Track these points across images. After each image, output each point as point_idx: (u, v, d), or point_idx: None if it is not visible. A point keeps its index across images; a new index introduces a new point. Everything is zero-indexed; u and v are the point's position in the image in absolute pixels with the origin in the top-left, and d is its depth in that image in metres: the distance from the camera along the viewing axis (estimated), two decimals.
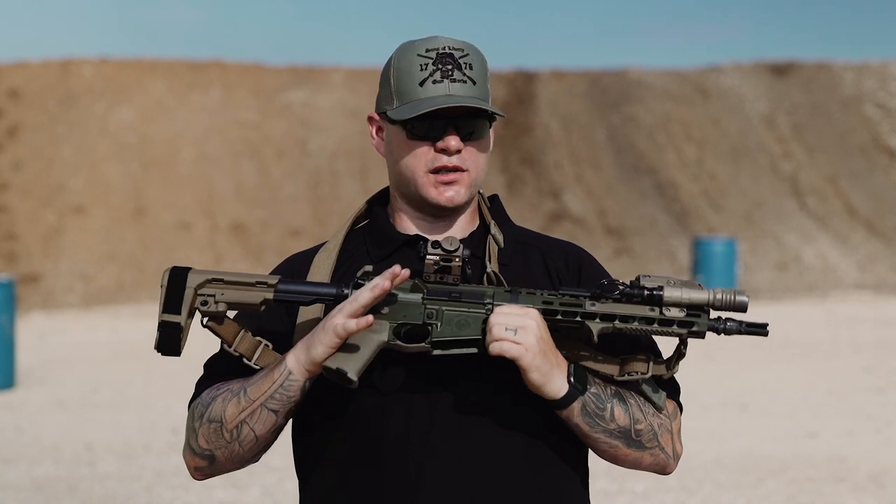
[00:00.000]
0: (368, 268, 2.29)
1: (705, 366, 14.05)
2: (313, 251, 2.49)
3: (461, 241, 2.42)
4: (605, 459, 2.39)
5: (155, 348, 2.30)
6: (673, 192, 29.89)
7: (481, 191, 2.50)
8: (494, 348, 2.22)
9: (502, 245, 2.43)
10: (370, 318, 2.21)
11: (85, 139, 27.91)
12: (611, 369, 2.33)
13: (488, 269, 2.36)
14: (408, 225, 2.44)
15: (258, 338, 2.35)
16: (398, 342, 2.27)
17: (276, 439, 2.37)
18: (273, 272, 2.48)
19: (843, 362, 14.58)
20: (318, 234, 26.07)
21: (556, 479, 2.38)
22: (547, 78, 32.58)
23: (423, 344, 2.27)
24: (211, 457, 2.36)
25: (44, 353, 16.29)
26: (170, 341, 2.28)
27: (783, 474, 8.67)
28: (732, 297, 2.24)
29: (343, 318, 2.22)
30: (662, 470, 2.43)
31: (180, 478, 8.65)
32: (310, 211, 27.68)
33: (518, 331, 2.22)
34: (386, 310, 2.27)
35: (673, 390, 2.44)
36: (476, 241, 2.45)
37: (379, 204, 2.51)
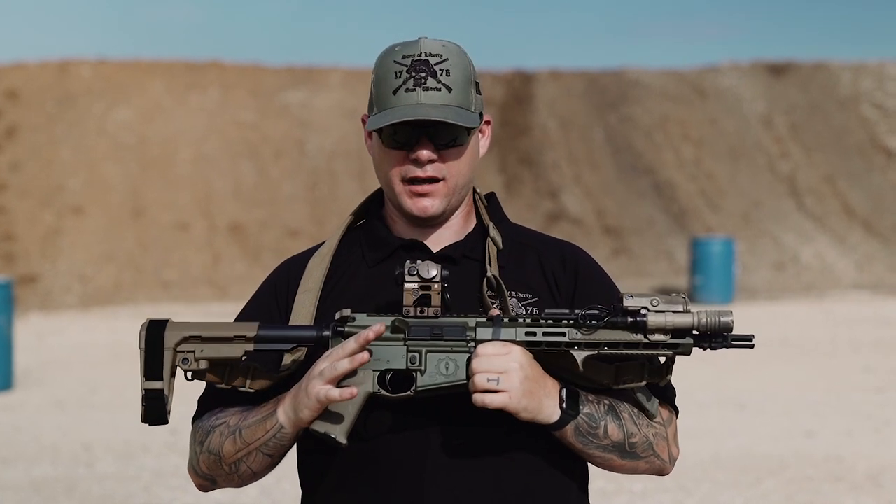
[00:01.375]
0: (346, 311, 2.27)
1: (703, 365, 14.06)
2: (308, 254, 2.48)
3: (456, 243, 2.42)
4: (602, 469, 2.40)
5: (142, 421, 2.28)
6: (671, 191, 29.89)
7: (478, 189, 2.49)
8: (477, 401, 2.21)
9: (501, 247, 2.42)
10: (354, 390, 2.20)
11: (83, 140, 27.90)
12: (606, 378, 2.31)
13: (488, 274, 2.35)
14: (402, 228, 2.43)
15: (245, 364, 2.32)
16: (383, 392, 2.25)
17: (274, 469, 2.40)
18: (268, 278, 2.48)
19: (841, 362, 14.59)
20: (316, 234, 26.06)
21: (555, 484, 2.38)
22: (545, 78, 32.58)
23: (409, 393, 2.25)
24: (212, 480, 2.40)
25: (42, 353, 16.28)
26: (155, 412, 2.26)
27: (781, 474, 8.67)
28: (717, 320, 2.22)
29: (324, 386, 2.21)
30: (658, 473, 2.43)
31: (178, 478, 8.65)
32: (308, 211, 27.68)
33: (500, 378, 2.20)
34: (368, 357, 2.24)
35: (669, 394, 2.43)
36: (473, 242, 2.43)
37: (375, 206, 2.51)
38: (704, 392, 12.09)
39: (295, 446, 2.43)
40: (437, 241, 2.43)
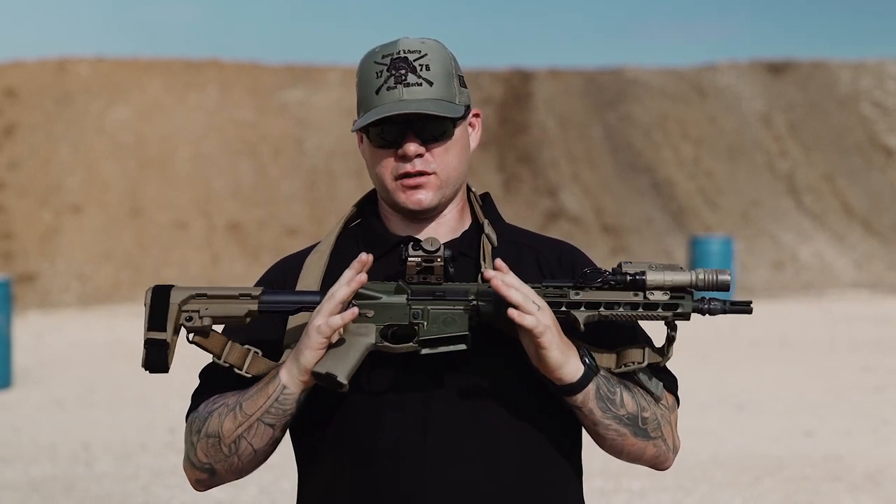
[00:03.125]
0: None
1: (702, 365, 14.06)
2: (304, 253, 2.49)
3: (453, 241, 2.42)
4: (610, 451, 2.38)
5: (142, 366, 2.30)
6: (669, 190, 29.90)
7: (473, 189, 2.50)
8: (514, 314, 2.20)
9: (496, 244, 2.43)
10: (355, 310, 2.22)
11: (81, 138, 27.89)
12: (607, 361, 2.33)
13: (483, 270, 2.35)
14: (398, 226, 2.44)
15: (247, 346, 2.35)
16: (386, 344, 2.27)
17: (274, 450, 2.38)
18: (264, 276, 2.49)
19: (840, 361, 14.59)
20: (315, 233, 26.07)
21: (550, 474, 2.38)
22: (543, 76, 32.58)
23: (411, 344, 2.27)
24: (211, 470, 2.38)
25: (41, 352, 16.28)
26: (157, 358, 2.29)
27: (780, 473, 8.68)
28: (714, 277, 2.26)
29: (325, 318, 2.22)
30: (661, 464, 2.42)
31: (177, 477, 8.65)
32: (306, 210, 27.68)
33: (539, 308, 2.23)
34: (371, 313, 2.27)
35: (671, 383, 2.43)
36: (468, 240, 2.44)
37: (370, 204, 2.51)
38: (704, 392, 12.10)
39: (289, 439, 2.43)
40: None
